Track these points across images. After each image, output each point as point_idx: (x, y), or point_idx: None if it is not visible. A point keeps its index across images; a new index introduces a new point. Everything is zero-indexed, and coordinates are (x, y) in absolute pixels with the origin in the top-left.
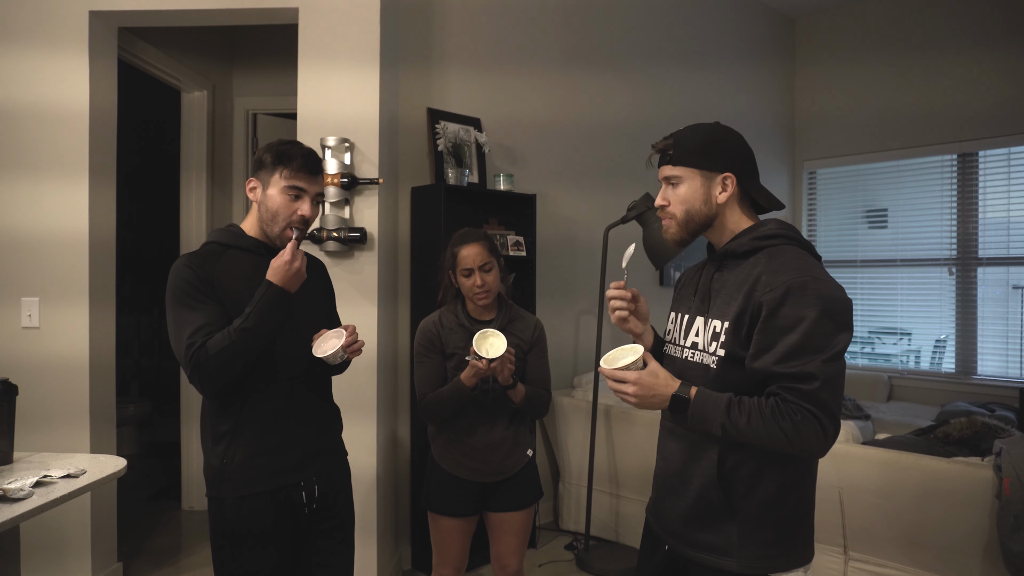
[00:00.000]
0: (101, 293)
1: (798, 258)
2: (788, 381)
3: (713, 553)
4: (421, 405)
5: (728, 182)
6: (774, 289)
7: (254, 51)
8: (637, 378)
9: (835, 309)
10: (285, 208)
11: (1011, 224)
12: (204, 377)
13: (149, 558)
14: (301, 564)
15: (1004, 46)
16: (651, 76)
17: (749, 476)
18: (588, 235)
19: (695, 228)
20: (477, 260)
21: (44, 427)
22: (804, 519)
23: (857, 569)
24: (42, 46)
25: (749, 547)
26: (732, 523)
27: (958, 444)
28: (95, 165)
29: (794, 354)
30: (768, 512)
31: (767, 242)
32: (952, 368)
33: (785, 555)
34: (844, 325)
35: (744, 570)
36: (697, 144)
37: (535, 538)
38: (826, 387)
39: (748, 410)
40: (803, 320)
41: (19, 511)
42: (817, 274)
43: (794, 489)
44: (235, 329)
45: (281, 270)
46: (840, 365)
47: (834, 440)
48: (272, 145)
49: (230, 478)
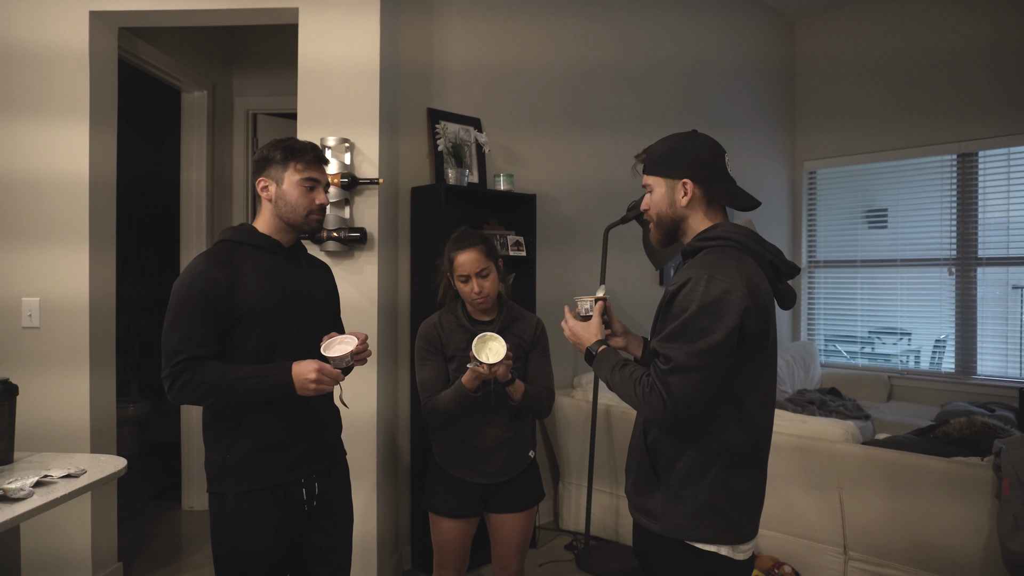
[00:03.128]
0: (101, 292)
1: (720, 258)
2: (656, 357)
3: (646, 516)
4: (425, 409)
5: (687, 187)
6: (676, 283)
7: (254, 51)
8: (574, 324)
9: (715, 309)
10: (303, 199)
11: (1011, 224)
12: (176, 391)
13: (149, 558)
14: (300, 561)
15: (1004, 46)
16: (653, 79)
17: (669, 450)
18: (588, 235)
19: (666, 230)
20: (474, 267)
21: (44, 427)
22: (729, 499)
23: (857, 569)
24: (42, 46)
25: (671, 514)
26: (658, 491)
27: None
28: (95, 164)
29: (668, 337)
30: (686, 485)
31: (707, 243)
32: (952, 368)
33: (704, 528)
34: (719, 327)
35: (666, 533)
36: (660, 154)
37: (535, 538)
38: (677, 373)
39: (625, 374)
40: (685, 311)
41: (19, 511)
42: (719, 274)
43: (711, 467)
44: (232, 378)
45: (302, 379)
46: (705, 360)
47: (674, 421)
48: (276, 143)
49: (231, 474)
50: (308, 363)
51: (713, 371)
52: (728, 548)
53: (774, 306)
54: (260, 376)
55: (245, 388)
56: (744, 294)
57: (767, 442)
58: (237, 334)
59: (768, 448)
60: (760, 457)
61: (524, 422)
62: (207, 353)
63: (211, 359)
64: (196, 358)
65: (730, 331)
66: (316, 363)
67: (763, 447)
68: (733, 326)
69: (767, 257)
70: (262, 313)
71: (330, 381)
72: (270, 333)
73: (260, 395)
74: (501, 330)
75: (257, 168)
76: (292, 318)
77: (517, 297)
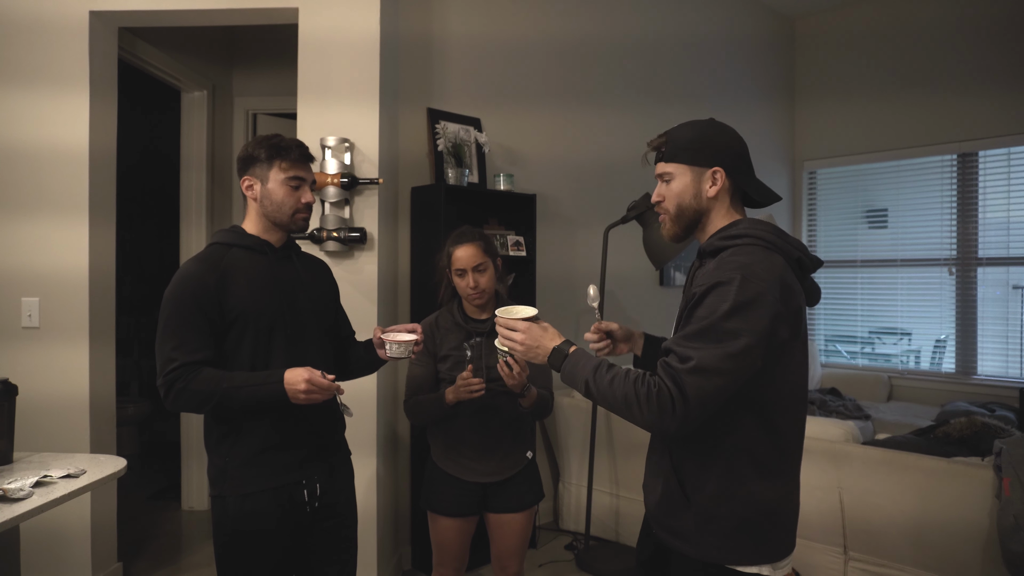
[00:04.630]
0: (101, 292)
1: (753, 259)
2: (669, 356)
3: (677, 537)
4: (406, 406)
5: (717, 176)
6: (704, 284)
7: (254, 51)
8: (527, 328)
9: (747, 312)
10: (289, 198)
11: (1011, 224)
12: (172, 399)
13: (149, 558)
14: (304, 562)
15: (1004, 46)
16: (651, 76)
17: (696, 470)
18: (588, 235)
19: (687, 223)
20: (471, 261)
21: (44, 427)
22: (763, 516)
23: (857, 569)
24: (42, 46)
25: (705, 536)
26: (688, 512)
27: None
28: (95, 164)
29: (692, 336)
30: (719, 506)
31: (731, 242)
32: (952, 368)
33: (741, 548)
34: (750, 331)
35: (702, 557)
36: (688, 140)
37: (535, 538)
38: (697, 374)
39: (615, 373)
40: (714, 312)
41: (19, 511)
42: (753, 276)
43: (742, 486)
44: (225, 388)
45: (292, 390)
46: (731, 365)
47: (681, 426)
48: (260, 141)
49: (233, 477)
50: (299, 372)
51: (736, 378)
52: (768, 567)
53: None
54: (254, 385)
55: (241, 397)
56: (777, 298)
57: (798, 449)
58: (231, 337)
59: (799, 455)
60: (791, 466)
61: (522, 422)
62: (202, 359)
63: (207, 365)
64: (190, 365)
65: (761, 336)
66: (307, 372)
67: (794, 455)
68: (764, 332)
69: (794, 254)
70: (255, 315)
71: (320, 391)
72: (264, 335)
73: (255, 404)
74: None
75: (242, 166)
76: (286, 319)
77: (517, 297)
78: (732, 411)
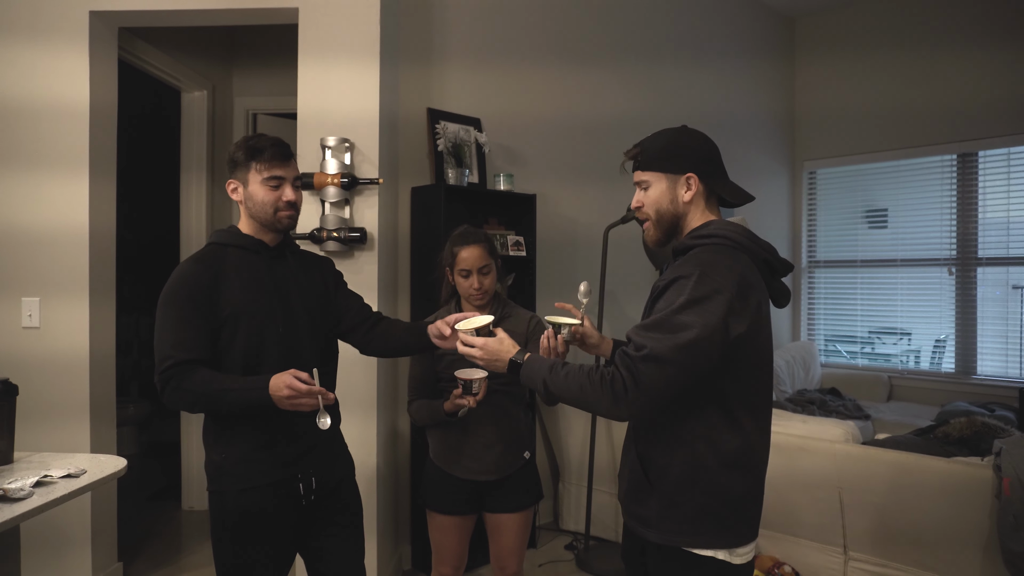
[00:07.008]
0: (101, 292)
1: (714, 257)
2: (627, 346)
3: (641, 524)
4: (409, 408)
5: (691, 181)
6: (665, 279)
7: (254, 51)
8: (484, 343)
9: (700, 307)
10: (269, 197)
11: (1011, 224)
12: (167, 396)
13: (149, 558)
14: (308, 553)
15: (1004, 46)
16: (651, 76)
17: (661, 456)
18: (588, 235)
19: (667, 227)
20: (477, 263)
21: (44, 427)
22: (724, 503)
23: (857, 569)
24: (42, 46)
25: (666, 521)
26: (652, 498)
27: (958, 444)
28: (95, 164)
29: (648, 327)
30: (682, 492)
31: (701, 240)
32: (952, 368)
33: (701, 534)
34: (702, 324)
35: (662, 541)
36: (660, 149)
37: (535, 538)
38: (650, 361)
39: (569, 369)
40: (671, 305)
41: (19, 511)
42: (711, 272)
43: (705, 475)
44: (216, 389)
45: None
46: (682, 356)
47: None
48: (240, 143)
49: (230, 472)
50: (282, 378)
51: (687, 369)
52: (725, 552)
53: (768, 304)
54: (243, 390)
55: (229, 400)
56: (734, 294)
57: (763, 443)
58: (224, 335)
59: (765, 450)
60: (755, 459)
61: (520, 422)
62: (198, 357)
63: (202, 363)
64: (186, 363)
65: (713, 331)
66: (289, 378)
67: (758, 448)
68: (716, 326)
69: (761, 255)
70: (247, 314)
71: (305, 397)
72: (256, 333)
73: (244, 408)
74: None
75: (229, 170)
76: (277, 318)
77: (517, 297)
78: (695, 401)
